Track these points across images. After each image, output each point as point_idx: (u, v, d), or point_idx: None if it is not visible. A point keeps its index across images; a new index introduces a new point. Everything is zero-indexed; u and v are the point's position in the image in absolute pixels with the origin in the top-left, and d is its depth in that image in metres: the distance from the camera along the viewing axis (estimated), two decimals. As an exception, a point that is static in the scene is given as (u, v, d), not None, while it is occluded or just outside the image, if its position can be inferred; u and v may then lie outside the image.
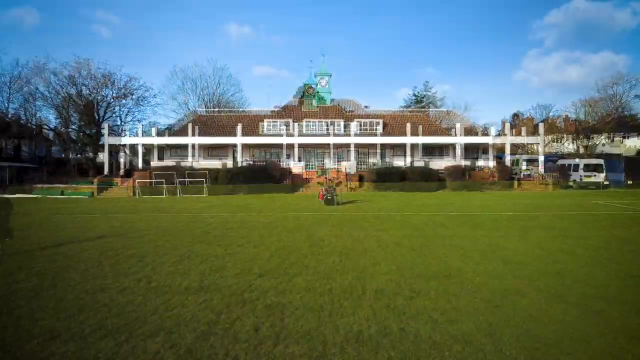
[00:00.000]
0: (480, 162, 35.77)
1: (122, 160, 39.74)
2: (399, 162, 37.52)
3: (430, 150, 38.34)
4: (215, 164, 36.51)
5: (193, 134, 35.27)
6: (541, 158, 34.63)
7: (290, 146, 35.86)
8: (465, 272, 7.09)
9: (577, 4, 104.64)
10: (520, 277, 6.81)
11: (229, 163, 37.46)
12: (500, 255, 8.40)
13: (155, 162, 37.89)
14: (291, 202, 22.54)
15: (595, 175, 31.43)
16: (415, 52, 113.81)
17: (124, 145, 37.61)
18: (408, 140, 34.55)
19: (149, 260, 8.28)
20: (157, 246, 9.77)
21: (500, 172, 32.01)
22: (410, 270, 7.21)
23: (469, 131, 36.87)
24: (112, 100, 38.88)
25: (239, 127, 34.85)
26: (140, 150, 35.23)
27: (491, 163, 36.13)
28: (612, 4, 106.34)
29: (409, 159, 35.70)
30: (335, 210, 18.08)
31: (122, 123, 42.06)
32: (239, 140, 34.72)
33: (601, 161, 32.02)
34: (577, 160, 33.83)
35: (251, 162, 36.40)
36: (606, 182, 30.96)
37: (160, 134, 39.01)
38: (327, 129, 37.51)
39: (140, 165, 35.56)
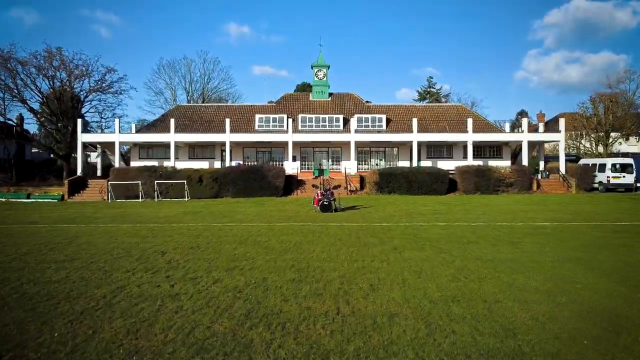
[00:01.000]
0: (493, 162, 33.13)
1: (99, 159, 37.12)
2: (403, 162, 34.93)
3: (439, 149, 35.71)
4: (201, 164, 33.91)
5: (176, 130, 32.54)
6: (562, 157, 32.00)
7: (285, 144, 33.17)
8: (542, 340, 4.42)
9: (577, 4, 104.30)
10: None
11: (217, 163, 34.84)
12: (576, 299, 5.74)
13: (135, 162, 35.26)
14: (281, 208, 19.87)
15: (624, 177, 28.81)
16: (415, 52, 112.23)
17: (100, 144, 34.93)
18: (415, 137, 31.89)
19: (49, 305, 5.61)
20: (80, 278, 7.11)
21: (517, 173, 29.34)
22: (450, 335, 4.54)
23: (482, 128, 34.21)
24: (88, 93, 36.11)
25: (227, 122, 32.13)
26: (117, 148, 32.51)
27: (507, 163, 33.56)
28: (612, 3, 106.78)
29: (415, 159, 33.05)
30: (333, 218, 15.42)
31: (102, 119, 39.32)
32: (227, 137, 32.01)
33: (631, 160, 29.40)
34: (603, 159, 31.21)
35: (241, 163, 33.76)
36: (639, 184, 28.33)
37: (141, 130, 36.26)
38: (326, 125, 34.83)
39: (117, 164, 32.82)
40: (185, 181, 27.69)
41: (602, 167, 30.00)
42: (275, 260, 8.34)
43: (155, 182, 27.62)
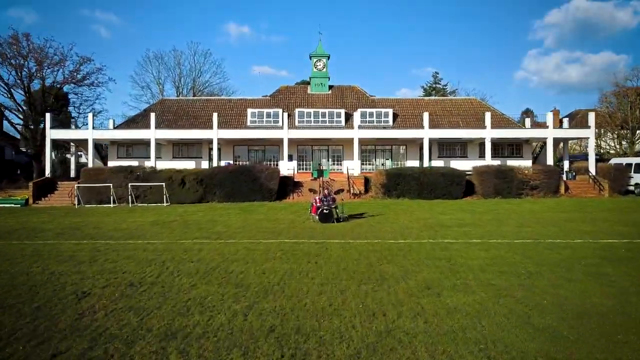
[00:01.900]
0: (513, 162, 30.29)
1: (72, 158, 34.24)
2: (411, 162, 32.05)
3: (451, 148, 32.80)
4: (186, 164, 31.06)
5: (159, 126, 29.65)
6: (592, 156, 29.13)
7: (280, 141, 30.28)
8: None
9: (577, 4, 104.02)
10: None
11: (205, 163, 31.98)
12: None
13: (113, 162, 32.37)
14: (273, 217, 16.97)
15: (665, 178, 25.97)
16: (415, 52, 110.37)
17: (72, 141, 32.04)
18: (426, 133, 28.98)
19: None
20: None
21: (543, 174, 26.47)
22: None
23: (500, 124, 31.39)
24: (60, 85, 33.18)
25: (215, 117, 29.22)
26: (90, 146, 29.61)
27: (528, 163, 30.72)
28: (612, 3, 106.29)
29: (426, 158, 30.18)
30: (335, 232, 12.53)
31: (78, 114, 36.45)
32: (215, 133, 29.12)
33: (672, 160, 26.58)
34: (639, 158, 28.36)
35: (230, 163, 30.91)
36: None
37: (119, 126, 33.36)
38: (326, 120, 31.95)
39: (90, 164, 29.92)
40: (163, 184, 24.77)
41: (639, 168, 27.16)
42: (246, 314, 5.46)
43: (129, 185, 24.70)
